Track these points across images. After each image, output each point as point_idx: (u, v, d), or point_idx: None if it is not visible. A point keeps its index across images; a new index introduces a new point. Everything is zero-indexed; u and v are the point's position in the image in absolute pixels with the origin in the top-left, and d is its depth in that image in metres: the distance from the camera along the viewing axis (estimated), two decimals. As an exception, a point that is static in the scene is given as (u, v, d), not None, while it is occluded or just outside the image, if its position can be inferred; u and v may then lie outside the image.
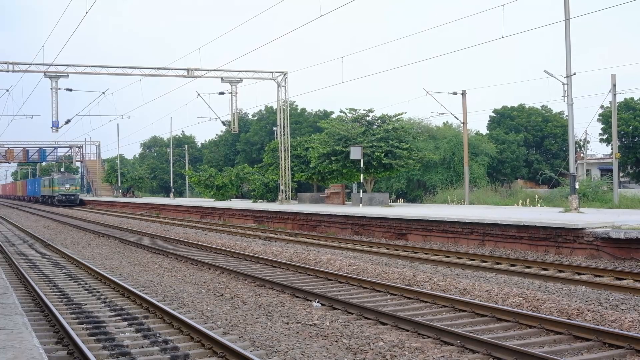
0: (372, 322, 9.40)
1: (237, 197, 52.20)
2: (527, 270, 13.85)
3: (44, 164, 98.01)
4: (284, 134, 35.81)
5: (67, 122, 38.16)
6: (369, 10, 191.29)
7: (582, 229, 15.63)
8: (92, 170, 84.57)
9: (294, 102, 64.04)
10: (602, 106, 46.18)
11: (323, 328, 9.01)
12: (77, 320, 9.74)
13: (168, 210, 44.88)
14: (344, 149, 30.25)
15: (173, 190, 63.05)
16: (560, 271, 13.57)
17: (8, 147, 79.87)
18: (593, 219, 17.36)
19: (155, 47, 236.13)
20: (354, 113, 32.57)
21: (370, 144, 29.68)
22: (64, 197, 65.55)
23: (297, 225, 27.62)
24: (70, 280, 14.10)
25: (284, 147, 35.65)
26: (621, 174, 49.39)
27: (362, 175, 30.47)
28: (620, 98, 45.20)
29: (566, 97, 21.72)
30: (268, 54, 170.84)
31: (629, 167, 51.50)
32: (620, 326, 8.51)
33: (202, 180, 46.49)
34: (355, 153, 29.02)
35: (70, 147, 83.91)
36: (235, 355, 7.39)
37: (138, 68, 33.93)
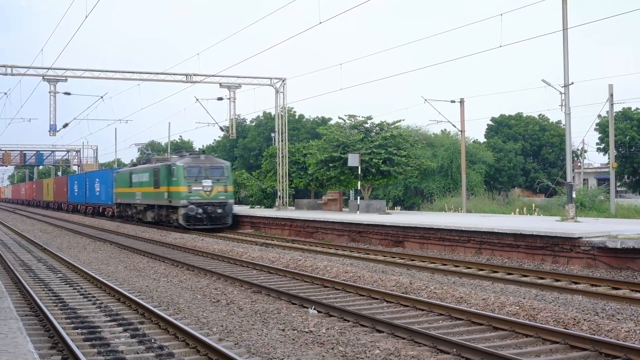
0: (368, 329, 9.38)
1: (234, 203, 52.10)
2: (524, 279, 13.85)
3: (41, 167, 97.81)
4: (282, 140, 35.81)
5: (65, 125, 38.03)
6: (368, 17, 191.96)
7: (579, 238, 15.64)
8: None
9: (292, 108, 64.01)
10: (599, 116, 46.44)
11: (319, 335, 8.98)
12: (72, 325, 9.71)
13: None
14: (342, 156, 30.24)
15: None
16: (557, 280, 13.57)
17: (5, 150, 79.64)
18: (590, 228, 17.36)
19: (154, 52, 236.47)
20: (353, 120, 32.58)
21: (369, 151, 29.69)
22: (201, 212, 29.30)
23: (294, 232, 27.58)
24: (65, 284, 14.06)
25: (282, 153, 35.65)
26: (618, 184, 49.49)
27: (359, 182, 30.46)
28: (618, 108, 45.42)
29: (564, 107, 21.75)
30: (267, 60, 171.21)
31: (625, 177, 51.66)
32: (617, 336, 8.51)
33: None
34: (353, 160, 29.01)
35: (68, 151, 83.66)
36: (231, 362, 7.35)
37: (137, 73, 33.90)
